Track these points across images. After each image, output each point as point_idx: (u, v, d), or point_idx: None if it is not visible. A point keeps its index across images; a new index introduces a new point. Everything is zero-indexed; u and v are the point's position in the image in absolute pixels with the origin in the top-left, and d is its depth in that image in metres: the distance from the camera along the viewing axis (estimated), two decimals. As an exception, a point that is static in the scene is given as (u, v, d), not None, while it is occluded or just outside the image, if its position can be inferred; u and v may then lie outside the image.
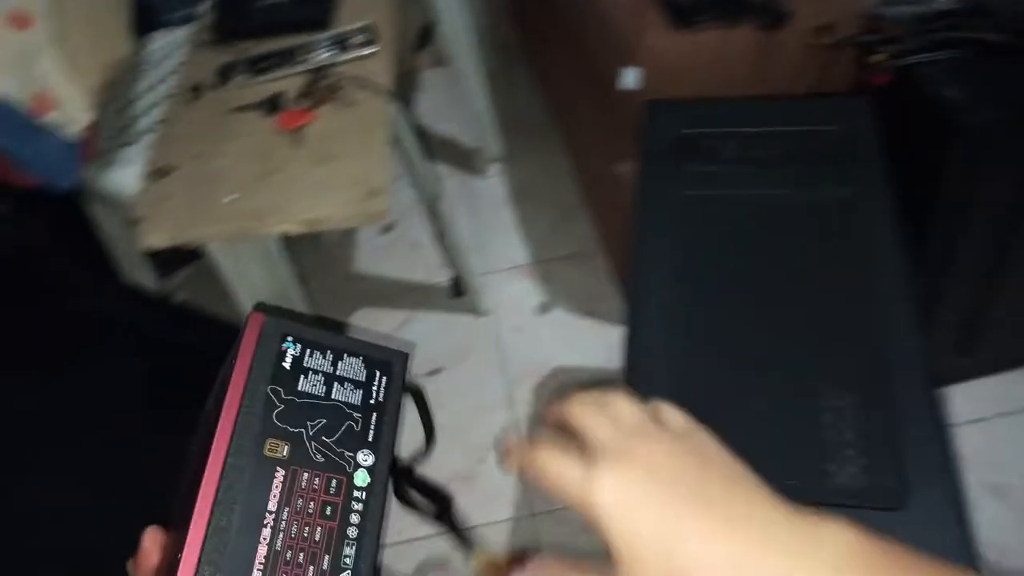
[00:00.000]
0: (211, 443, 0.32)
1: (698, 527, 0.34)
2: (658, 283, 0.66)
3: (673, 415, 0.40)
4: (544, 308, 1.46)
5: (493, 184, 1.72)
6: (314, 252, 1.62)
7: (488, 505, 1.23)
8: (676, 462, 0.36)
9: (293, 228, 0.90)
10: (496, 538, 1.19)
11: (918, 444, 0.55)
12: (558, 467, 0.37)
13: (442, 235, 1.29)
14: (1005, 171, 0.90)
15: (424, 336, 1.45)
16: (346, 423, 0.37)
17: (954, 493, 0.53)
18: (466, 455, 1.28)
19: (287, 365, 0.35)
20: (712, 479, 0.36)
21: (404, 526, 0.96)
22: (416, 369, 1.40)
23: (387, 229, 1.67)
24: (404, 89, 1.01)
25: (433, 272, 1.55)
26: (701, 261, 0.67)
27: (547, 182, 1.68)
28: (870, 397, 0.57)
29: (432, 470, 1.29)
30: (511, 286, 1.51)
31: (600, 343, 1.39)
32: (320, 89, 1.01)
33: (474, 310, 1.47)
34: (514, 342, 1.42)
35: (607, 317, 1.43)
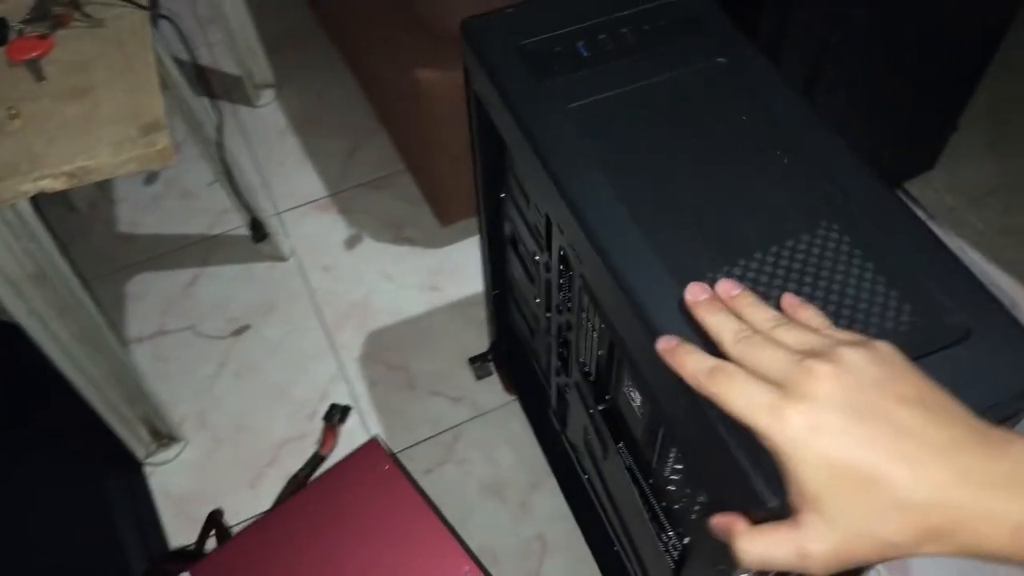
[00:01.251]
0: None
1: (897, 461, 0.34)
2: (594, 201, 0.58)
3: (843, 334, 0.42)
4: (352, 242, 1.34)
5: (268, 114, 1.54)
6: (67, 215, 1.38)
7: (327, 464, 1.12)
8: (865, 389, 0.37)
9: (52, 184, 0.72)
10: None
11: (937, 267, 0.53)
12: (746, 394, 0.39)
13: (228, 175, 1.13)
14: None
15: (219, 293, 1.29)
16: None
17: (998, 303, 0.52)
18: (293, 416, 1.15)
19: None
20: (905, 403, 0.36)
21: None
22: (217, 331, 1.24)
23: (151, 179, 1.46)
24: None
25: (216, 221, 1.37)
26: (623, 167, 0.60)
27: (332, 104, 1.53)
28: (864, 240, 0.55)
29: (258, 440, 1.15)
30: (311, 224, 1.37)
31: (419, 268, 1.30)
32: (53, 8, 0.81)
33: (276, 256, 1.32)
34: (325, 283, 1.29)
35: (422, 240, 1.33)
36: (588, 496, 0.95)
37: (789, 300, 0.47)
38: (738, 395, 0.39)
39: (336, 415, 1.13)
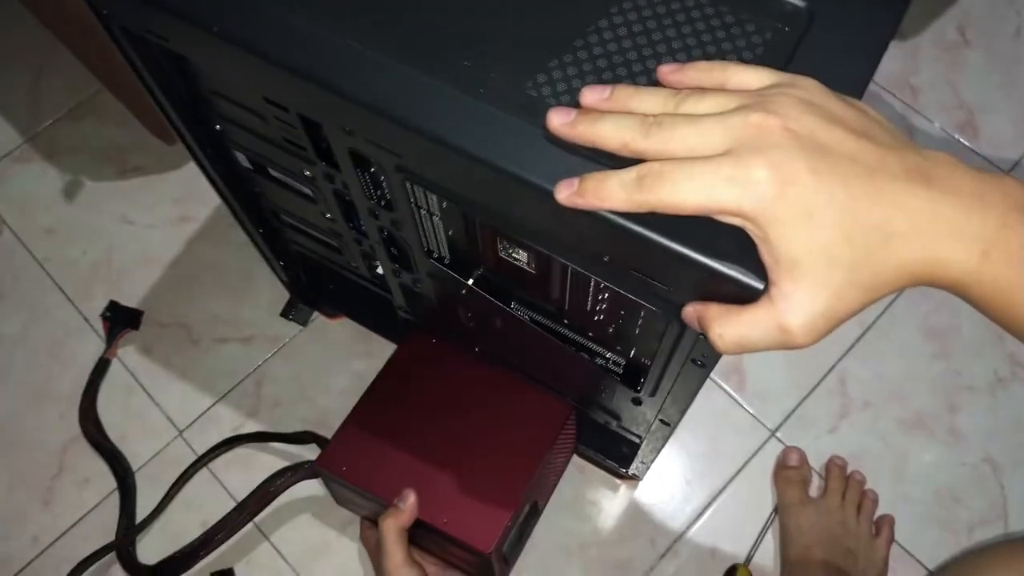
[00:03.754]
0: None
1: (873, 198, 0.33)
2: (373, 76, 0.48)
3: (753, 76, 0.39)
4: (71, 190, 1.12)
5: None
6: None
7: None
8: (815, 130, 0.34)
9: None
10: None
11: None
12: (695, 180, 0.34)
13: None
14: None
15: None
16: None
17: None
18: (66, 413, 0.99)
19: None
20: (855, 136, 0.35)
21: None
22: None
23: None
24: None
25: None
26: (374, 23, 0.50)
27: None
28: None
29: (35, 451, 0.96)
30: (14, 183, 1.13)
31: (160, 200, 1.11)
32: None
33: (-22, 233, 1.09)
34: (54, 249, 1.09)
35: (154, 166, 1.13)
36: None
37: (666, 69, 0.41)
38: (686, 185, 0.35)
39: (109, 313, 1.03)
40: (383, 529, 0.72)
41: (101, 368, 1.00)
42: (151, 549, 0.92)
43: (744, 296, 0.43)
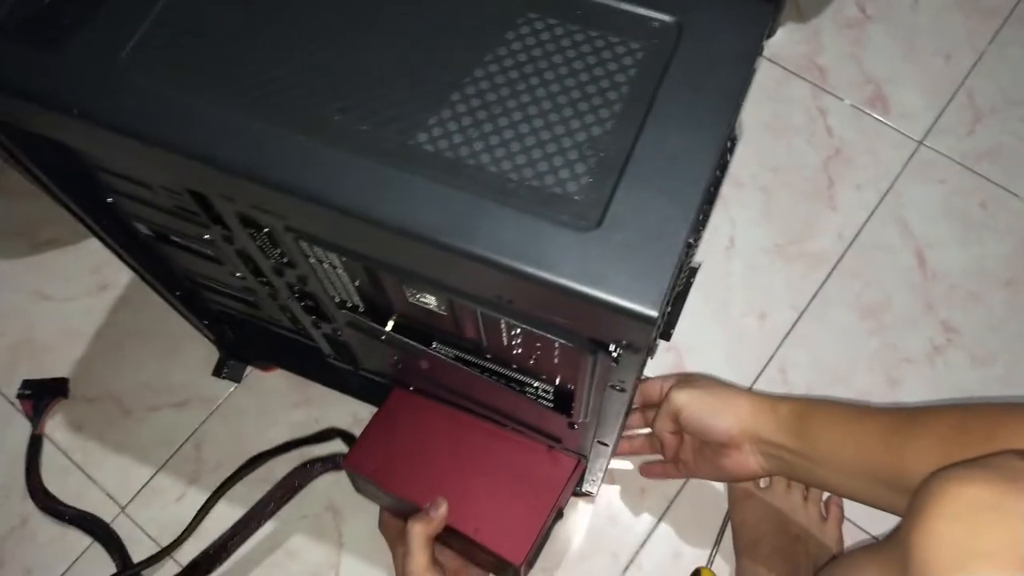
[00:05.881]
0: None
1: None
2: (247, 142, 0.48)
3: None
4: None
5: None
6: None
7: None
8: None
9: None
10: None
11: None
12: None
13: None
14: None
15: None
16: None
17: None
18: (1, 505, 0.95)
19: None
20: None
21: None
22: None
23: None
24: None
25: None
26: (247, 82, 0.50)
27: None
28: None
29: None
30: (-81, 270, 1.09)
31: (77, 271, 1.07)
32: None
33: None
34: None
35: (67, 237, 1.10)
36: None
37: None
38: None
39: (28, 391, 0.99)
40: (411, 533, 0.72)
41: (35, 445, 0.97)
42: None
43: (637, 326, 0.42)
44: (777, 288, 1.02)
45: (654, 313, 0.42)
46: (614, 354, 0.48)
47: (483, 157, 0.46)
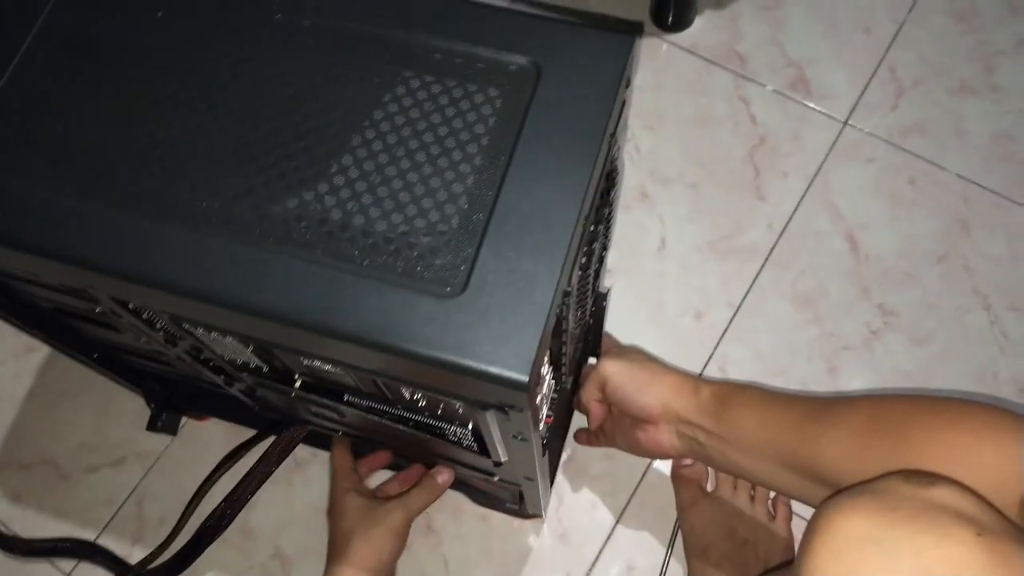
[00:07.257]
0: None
1: None
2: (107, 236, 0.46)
3: None
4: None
5: None
6: None
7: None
8: None
9: None
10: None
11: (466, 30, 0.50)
12: None
13: None
14: None
15: None
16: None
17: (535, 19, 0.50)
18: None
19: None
20: None
21: None
22: None
23: None
24: None
25: None
26: (104, 168, 0.48)
27: None
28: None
29: None
30: None
31: (5, 331, 1.05)
32: None
33: None
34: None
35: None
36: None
37: None
38: None
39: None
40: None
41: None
42: None
43: (510, 392, 0.41)
44: (712, 285, 1.01)
45: (524, 378, 0.40)
46: (504, 411, 0.47)
47: (342, 227, 0.44)
